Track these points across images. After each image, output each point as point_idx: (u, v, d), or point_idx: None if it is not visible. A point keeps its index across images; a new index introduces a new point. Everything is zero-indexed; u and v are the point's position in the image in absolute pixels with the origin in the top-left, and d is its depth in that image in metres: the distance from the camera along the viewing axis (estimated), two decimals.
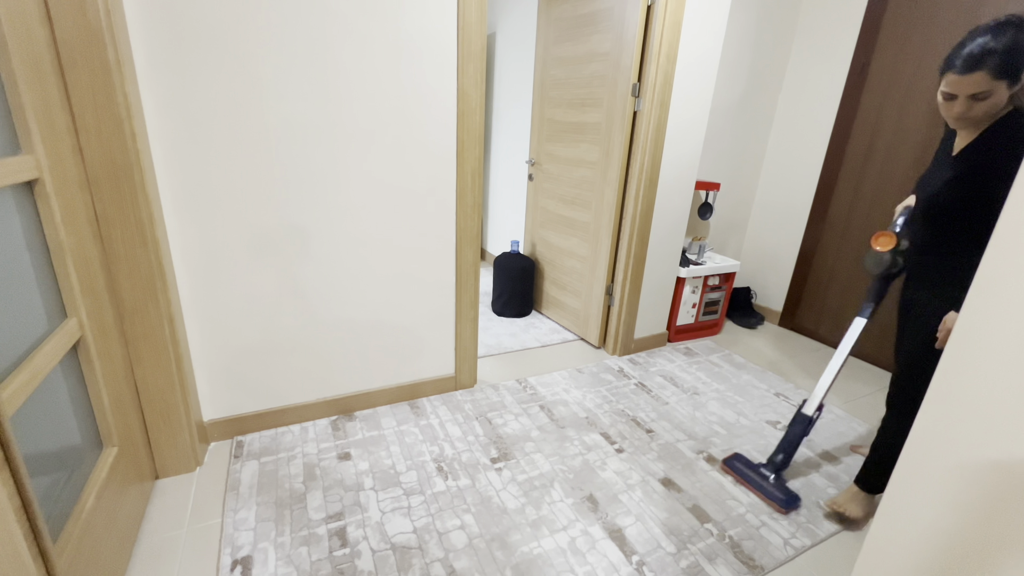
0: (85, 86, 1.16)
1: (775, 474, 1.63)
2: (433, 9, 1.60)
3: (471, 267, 1.98)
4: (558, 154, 2.71)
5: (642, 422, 1.99)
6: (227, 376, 1.70)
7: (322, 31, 1.48)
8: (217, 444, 1.73)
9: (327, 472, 1.62)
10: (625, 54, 2.16)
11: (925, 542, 0.79)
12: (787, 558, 1.40)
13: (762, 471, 1.65)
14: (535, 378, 2.29)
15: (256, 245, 1.60)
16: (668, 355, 2.62)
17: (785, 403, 2.19)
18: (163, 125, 1.39)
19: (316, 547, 1.34)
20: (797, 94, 2.85)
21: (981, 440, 0.71)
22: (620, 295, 2.47)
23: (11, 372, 0.87)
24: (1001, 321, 0.68)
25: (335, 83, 1.54)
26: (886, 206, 2.51)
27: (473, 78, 1.72)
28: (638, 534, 1.44)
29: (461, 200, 1.86)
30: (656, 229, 2.42)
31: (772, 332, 3.01)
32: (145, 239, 1.31)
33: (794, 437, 1.62)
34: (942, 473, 0.77)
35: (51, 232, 1.05)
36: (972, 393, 0.72)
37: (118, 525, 1.22)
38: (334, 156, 1.61)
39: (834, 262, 2.78)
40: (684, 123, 2.27)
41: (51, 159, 1.06)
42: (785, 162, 2.96)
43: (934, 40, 2.25)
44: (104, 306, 1.27)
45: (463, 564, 1.32)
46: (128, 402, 1.38)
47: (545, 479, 1.64)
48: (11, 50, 0.93)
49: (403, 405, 2.02)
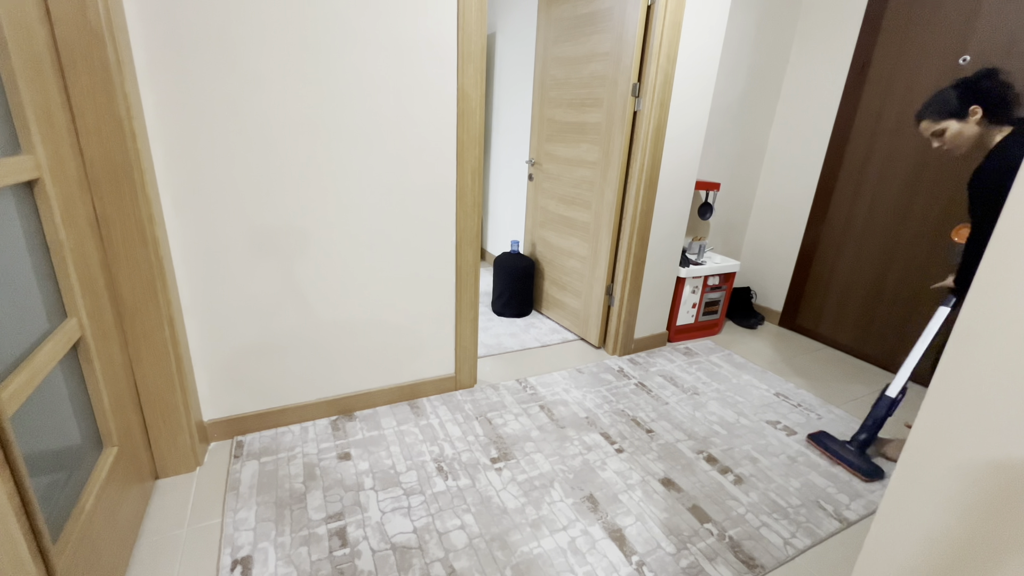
0: (85, 86, 1.16)
1: (859, 449, 1.76)
2: (433, 9, 1.60)
3: (471, 267, 1.98)
4: (558, 154, 2.71)
5: (642, 422, 1.99)
6: (227, 376, 1.70)
7: (322, 31, 1.48)
8: (217, 444, 1.73)
9: (327, 472, 1.62)
10: (625, 54, 2.16)
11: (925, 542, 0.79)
12: (787, 558, 1.40)
13: (848, 446, 1.80)
14: (535, 378, 2.29)
15: (256, 245, 1.60)
16: (668, 355, 2.62)
17: (785, 403, 2.19)
18: (163, 125, 1.39)
19: (316, 547, 1.34)
20: (797, 94, 2.85)
21: (981, 440, 0.71)
22: (620, 295, 2.47)
23: (11, 372, 0.87)
24: (1001, 321, 0.68)
25: (335, 83, 1.54)
26: (886, 206, 2.51)
27: (473, 78, 1.72)
28: (638, 534, 1.44)
29: (461, 200, 1.86)
30: (656, 229, 2.42)
31: (772, 332, 3.01)
32: (145, 239, 1.31)
33: (878, 417, 1.76)
34: (942, 473, 0.77)
35: (51, 232, 1.05)
36: (972, 393, 0.72)
37: (118, 525, 1.22)
38: (334, 155, 1.61)
39: (834, 262, 2.78)
40: (684, 123, 2.27)
41: (51, 159, 1.06)
42: (785, 162, 2.96)
43: (934, 40, 2.25)
44: (104, 306, 1.27)
45: (463, 564, 1.32)
46: (128, 402, 1.38)
47: (545, 479, 1.64)
48: (11, 50, 0.93)
49: (403, 405, 2.02)
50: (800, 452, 1.86)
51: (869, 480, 1.70)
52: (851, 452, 1.77)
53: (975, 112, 1.40)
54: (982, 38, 2.10)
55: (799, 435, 1.97)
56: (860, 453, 1.76)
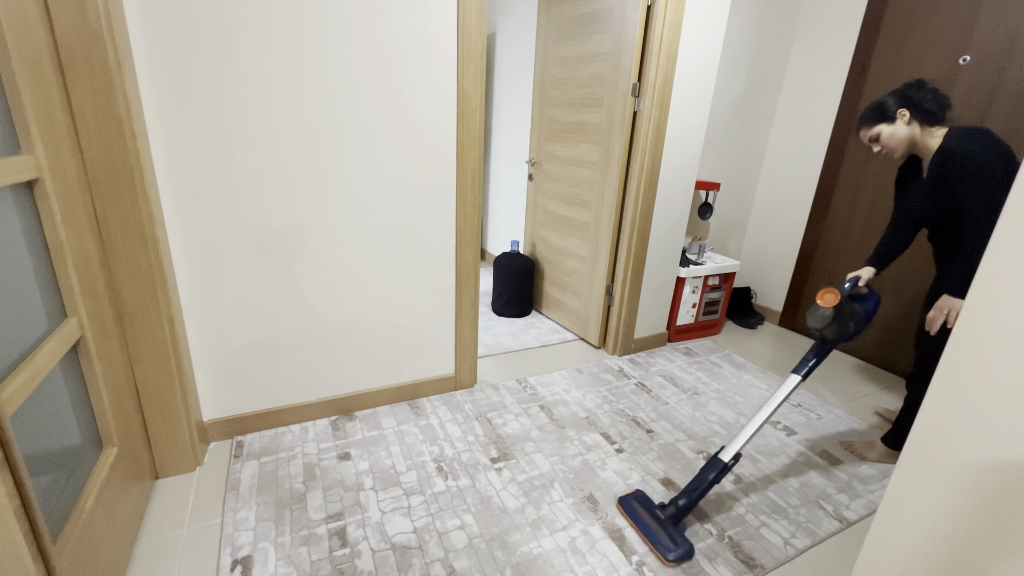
0: (85, 86, 1.16)
1: (673, 517, 1.41)
2: (433, 9, 1.60)
3: (471, 267, 1.98)
4: (558, 154, 2.71)
5: (642, 422, 1.99)
6: (227, 376, 1.70)
7: (322, 31, 1.48)
8: (217, 444, 1.73)
9: (327, 472, 1.62)
10: (625, 54, 2.16)
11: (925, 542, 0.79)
12: (787, 558, 1.40)
13: (657, 513, 1.45)
14: (535, 378, 2.29)
15: (256, 245, 1.60)
16: (668, 355, 2.62)
17: (785, 403, 2.19)
18: (163, 125, 1.39)
19: (316, 547, 1.34)
20: (797, 94, 2.85)
21: (981, 440, 0.71)
22: (620, 295, 2.48)
23: (11, 372, 0.87)
24: (1001, 321, 0.68)
25: (335, 83, 1.54)
26: (886, 206, 2.51)
27: (473, 78, 1.72)
28: (638, 534, 1.44)
29: (461, 200, 1.86)
30: (656, 229, 2.42)
31: (772, 332, 3.01)
32: (145, 239, 1.31)
33: (703, 483, 1.42)
34: (942, 473, 0.77)
35: (51, 232, 1.05)
36: (972, 393, 0.72)
37: (118, 525, 1.22)
38: (334, 155, 1.61)
39: (834, 262, 2.78)
40: (684, 123, 2.27)
41: (51, 159, 1.06)
42: (785, 162, 2.96)
43: (934, 40, 2.25)
44: (104, 306, 1.27)
45: (463, 564, 1.32)
46: (128, 402, 1.38)
47: (545, 479, 1.64)
48: (11, 50, 0.93)
49: (403, 405, 2.02)
50: (800, 452, 1.86)
51: (674, 564, 1.33)
52: (660, 522, 1.43)
53: (903, 115, 1.54)
54: (982, 38, 2.10)
55: (799, 435, 1.97)
56: (673, 523, 1.41)
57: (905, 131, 1.54)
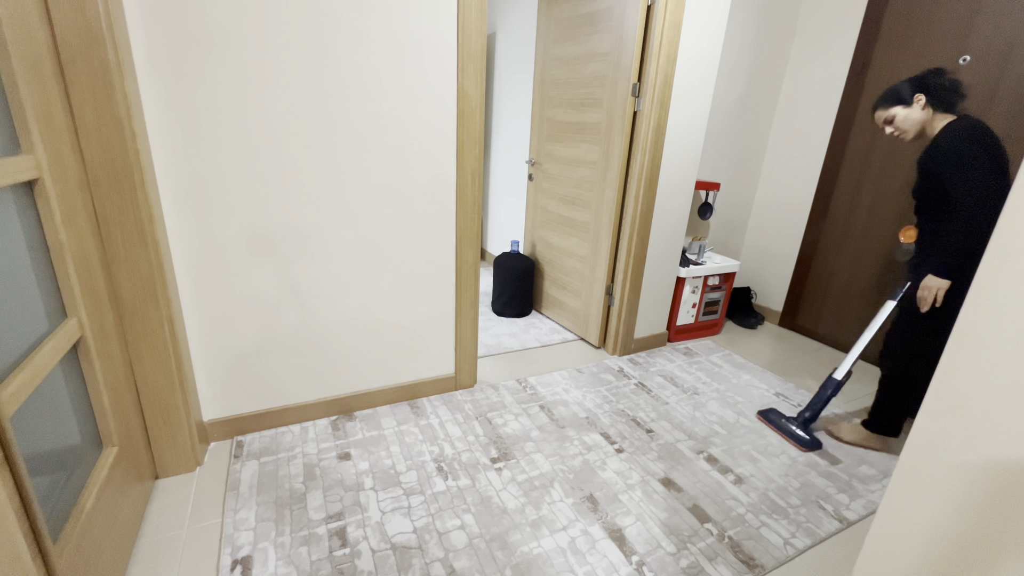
0: (85, 86, 1.15)
1: (803, 424, 1.91)
2: (433, 9, 1.60)
3: (471, 267, 1.98)
4: (558, 154, 2.71)
5: (642, 422, 1.99)
6: (227, 376, 1.70)
7: (322, 31, 1.48)
8: (217, 444, 1.73)
9: (327, 472, 1.62)
10: (625, 54, 2.16)
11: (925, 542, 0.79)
12: (787, 558, 1.40)
13: (792, 421, 1.96)
14: (535, 378, 2.29)
15: (256, 244, 1.60)
16: (668, 355, 2.62)
17: (785, 403, 2.19)
18: (163, 125, 1.39)
19: (316, 547, 1.34)
20: (797, 94, 2.85)
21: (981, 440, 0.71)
22: (620, 295, 2.47)
23: (11, 372, 0.87)
24: (1001, 321, 0.68)
25: (335, 83, 1.54)
26: (886, 206, 2.51)
27: (473, 78, 1.72)
28: (638, 534, 1.44)
29: (461, 200, 1.86)
30: (656, 229, 2.42)
31: (772, 332, 3.01)
32: (145, 239, 1.31)
33: (823, 397, 1.89)
34: (942, 473, 0.77)
35: (51, 232, 1.05)
36: (972, 393, 0.72)
37: (118, 525, 1.22)
38: (334, 156, 1.61)
39: (834, 262, 2.78)
40: (684, 123, 2.27)
41: (51, 159, 1.06)
42: (785, 162, 2.96)
43: (934, 40, 2.25)
44: (104, 306, 1.27)
45: (463, 564, 1.32)
46: (128, 402, 1.38)
47: (545, 479, 1.64)
48: (11, 50, 0.93)
49: (403, 405, 2.02)
50: (800, 452, 1.86)
51: (806, 450, 1.86)
52: (794, 425, 1.93)
53: (919, 99, 1.61)
54: (982, 38, 2.10)
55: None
56: (803, 427, 1.91)
57: (919, 115, 1.62)
